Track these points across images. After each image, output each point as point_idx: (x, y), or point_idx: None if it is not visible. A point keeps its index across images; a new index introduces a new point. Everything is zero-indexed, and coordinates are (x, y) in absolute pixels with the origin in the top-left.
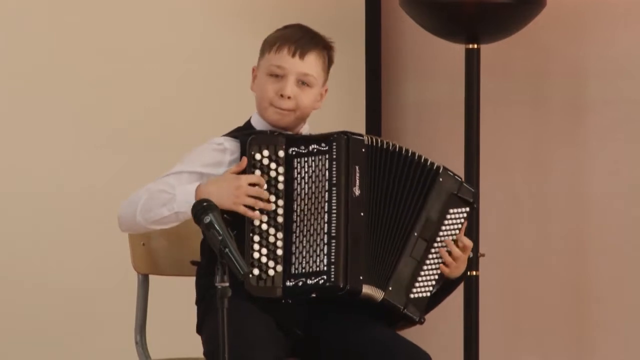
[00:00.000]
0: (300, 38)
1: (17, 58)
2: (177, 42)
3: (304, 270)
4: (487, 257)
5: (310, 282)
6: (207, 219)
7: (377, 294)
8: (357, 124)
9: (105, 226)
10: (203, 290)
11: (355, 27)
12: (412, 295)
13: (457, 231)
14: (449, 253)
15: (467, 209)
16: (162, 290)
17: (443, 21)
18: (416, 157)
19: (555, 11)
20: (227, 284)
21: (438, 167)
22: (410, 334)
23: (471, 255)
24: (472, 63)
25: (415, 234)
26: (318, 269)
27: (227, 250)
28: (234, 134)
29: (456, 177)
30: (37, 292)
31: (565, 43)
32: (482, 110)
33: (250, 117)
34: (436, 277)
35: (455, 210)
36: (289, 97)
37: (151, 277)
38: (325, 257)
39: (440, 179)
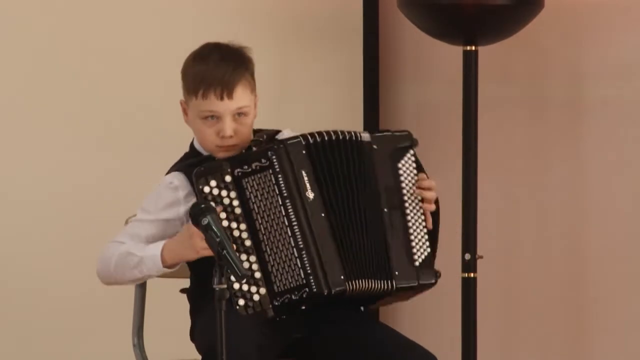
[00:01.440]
0: (222, 76)
1: (9, 59)
2: (171, 42)
3: (285, 287)
4: (485, 258)
5: (295, 297)
6: (205, 220)
7: (388, 285)
8: (354, 126)
9: (102, 228)
10: (196, 298)
11: (353, 28)
12: (417, 264)
13: (415, 176)
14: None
15: (411, 151)
16: (159, 292)
17: (441, 23)
18: (347, 136)
19: (553, 13)
20: (224, 286)
21: (366, 137)
22: (408, 335)
23: (468, 257)
24: (470, 65)
25: (385, 209)
26: (297, 283)
27: (225, 252)
28: (179, 166)
29: (385, 133)
30: (34, 295)
31: (563, 44)
32: (480, 112)
33: (193, 141)
34: (425, 231)
35: (403, 161)
36: (230, 136)
37: (148, 280)
38: (301, 270)
39: (375, 146)
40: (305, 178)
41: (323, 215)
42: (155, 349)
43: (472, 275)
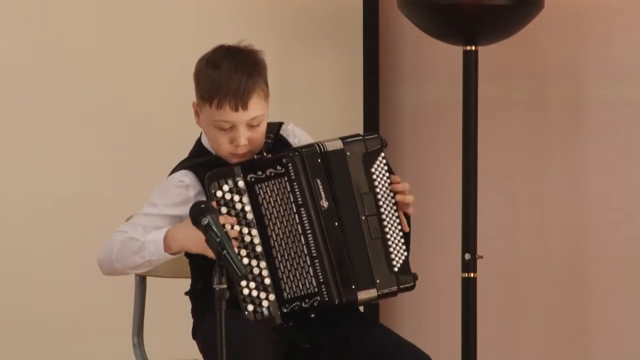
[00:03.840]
0: (237, 87)
1: (23, 63)
2: (172, 43)
3: (295, 295)
4: (485, 258)
5: (305, 305)
6: (205, 220)
7: (372, 294)
8: (354, 126)
9: (102, 228)
10: (198, 298)
11: (353, 28)
12: (395, 269)
13: (388, 179)
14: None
15: (382, 153)
16: (159, 292)
17: (441, 23)
18: (334, 145)
19: (553, 13)
20: (224, 286)
21: (340, 144)
22: (408, 335)
23: (468, 257)
24: (470, 65)
25: (363, 217)
26: (309, 291)
27: (224, 252)
28: (188, 164)
29: (355, 138)
30: (35, 293)
31: (563, 45)
32: (480, 112)
33: (200, 137)
34: (401, 236)
35: (375, 165)
36: (244, 145)
37: (148, 279)
38: (313, 278)
39: (348, 153)
40: (320, 187)
41: (336, 224)
42: (155, 349)
43: (472, 275)
